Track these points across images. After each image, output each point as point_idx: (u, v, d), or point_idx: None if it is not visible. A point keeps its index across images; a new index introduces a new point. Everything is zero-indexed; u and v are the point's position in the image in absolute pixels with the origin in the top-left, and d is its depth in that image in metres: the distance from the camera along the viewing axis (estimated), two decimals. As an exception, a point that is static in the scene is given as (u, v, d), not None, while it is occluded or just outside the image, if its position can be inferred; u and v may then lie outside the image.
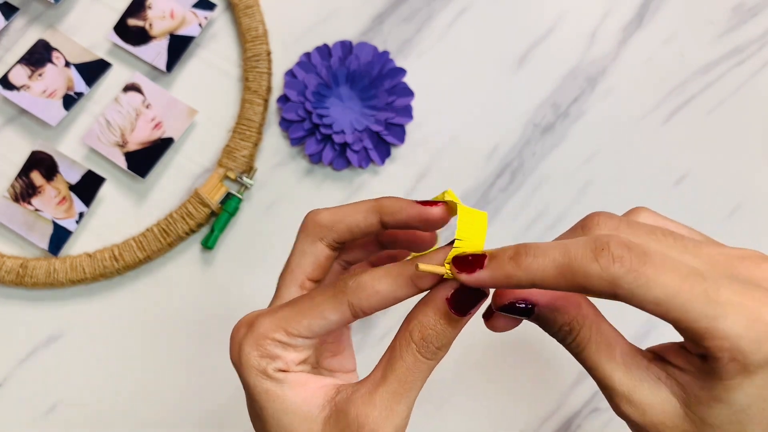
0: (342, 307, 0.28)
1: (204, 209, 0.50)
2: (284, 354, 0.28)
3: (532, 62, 0.53)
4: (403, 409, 0.27)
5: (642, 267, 0.22)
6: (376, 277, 0.27)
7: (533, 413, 0.50)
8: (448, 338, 0.27)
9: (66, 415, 0.50)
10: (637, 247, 0.23)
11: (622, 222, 0.26)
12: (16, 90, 0.52)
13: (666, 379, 0.25)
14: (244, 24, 0.52)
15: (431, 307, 0.27)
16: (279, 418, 0.28)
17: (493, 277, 0.25)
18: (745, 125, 0.52)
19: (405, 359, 0.27)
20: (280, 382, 0.28)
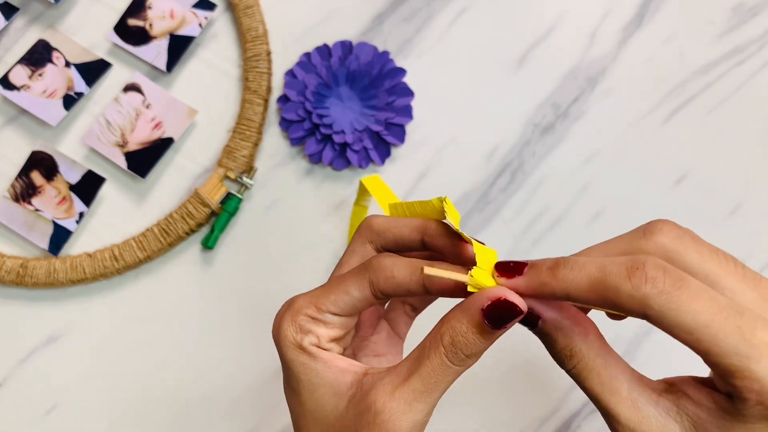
0: (363, 283, 0.29)
1: (204, 209, 0.50)
2: (316, 329, 0.30)
3: (532, 62, 0.53)
4: (422, 408, 0.27)
5: (676, 291, 0.22)
6: (396, 264, 0.29)
7: (533, 414, 0.50)
8: (479, 349, 0.27)
9: (66, 415, 0.50)
10: (674, 271, 0.23)
11: (687, 233, 0.26)
12: (16, 90, 0.52)
13: (676, 414, 0.25)
14: (245, 24, 0.52)
15: (465, 315, 0.27)
16: (312, 390, 0.29)
17: (529, 283, 0.26)
18: (745, 125, 0.52)
19: (432, 361, 0.27)
20: (314, 357, 0.29)
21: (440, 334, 0.27)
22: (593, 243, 0.50)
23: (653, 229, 0.26)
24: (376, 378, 0.28)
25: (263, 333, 0.32)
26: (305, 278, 0.50)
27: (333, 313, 0.30)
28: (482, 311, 0.26)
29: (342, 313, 0.30)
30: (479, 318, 0.26)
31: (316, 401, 0.29)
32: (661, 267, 0.23)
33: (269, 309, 0.50)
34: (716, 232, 0.51)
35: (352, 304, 0.30)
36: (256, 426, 0.50)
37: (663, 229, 0.26)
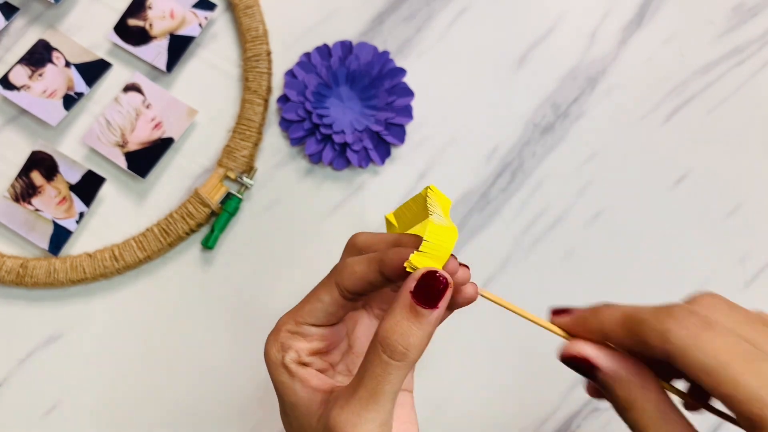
0: (331, 287, 0.30)
1: (204, 209, 0.50)
2: (295, 344, 0.30)
3: (532, 62, 0.53)
4: (373, 416, 0.27)
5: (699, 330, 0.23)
6: (356, 261, 0.29)
7: (533, 413, 0.50)
8: (416, 337, 0.26)
9: (66, 415, 0.50)
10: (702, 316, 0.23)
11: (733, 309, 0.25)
12: (17, 90, 0.52)
13: None
14: (245, 24, 0.52)
15: (397, 305, 0.27)
16: (291, 410, 0.30)
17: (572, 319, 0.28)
18: (745, 125, 0.52)
19: (372, 365, 0.27)
20: (292, 375, 0.30)
21: (376, 335, 0.27)
22: (593, 243, 0.50)
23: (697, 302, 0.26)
24: (336, 395, 0.29)
25: (263, 332, 0.32)
26: (305, 278, 0.50)
27: (310, 324, 0.31)
28: (411, 293, 0.26)
29: (318, 322, 0.31)
30: (409, 301, 0.26)
31: (298, 421, 0.30)
32: (690, 311, 0.24)
33: (269, 309, 0.51)
34: (716, 232, 0.51)
35: (324, 310, 0.30)
36: (256, 425, 0.50)
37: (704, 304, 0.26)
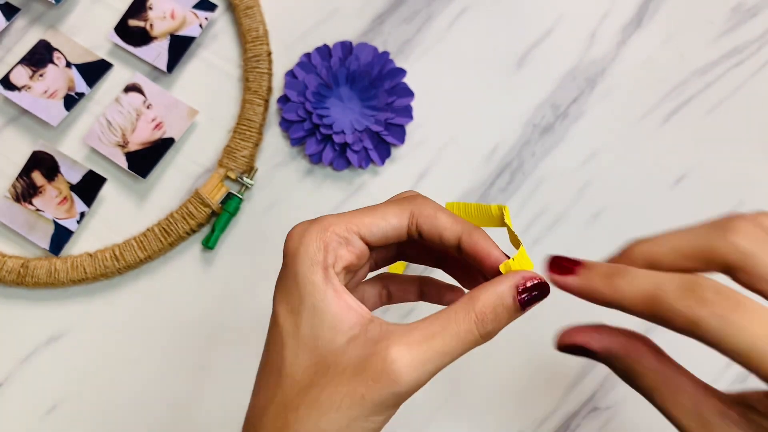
0: (404, 213, 0.30)
1: (205, 209, 0.50)
2: (339, 250, 0.29)
3: (532, 62, 0.53)
4: (431, 369, 0.27)
5: (730, 313, 0.22)
6: (440, 209, 0.30)
7: (532, 413, 0.50)
8: (502, 325, 0.27)
9: (66, 415, 0.50)
10: (731, 294, 0.22)
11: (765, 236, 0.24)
12: (17, 90, 0.52)
13: (745, 424, 0.25)
14: (245, 24, 0.52)
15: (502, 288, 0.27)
16: (313, 315, 0.28)
17: (581, 286, 0.26)
18: (745, 125, 0.52)
19: (459, 324, 0.27)
20: (328, 281, 0.28)
21: (473, 301, 0.27)
22: (593, 243, 0.50)
23: (733, 226, 0.25)
24: (387, 328, 0.27)
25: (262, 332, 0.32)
26: (305, 278, 0.50)
27: (362, 237, 0.29)
28: (517, 288, 0.27)
29: (371, 239, 0.30)
30: (513, 295, 0.27)
31: (312, 328, 0.28)
32: (716, 289, 0.23)
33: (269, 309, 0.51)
34: (716, 232, 0.51)
35: (384, 232, 0.30)
36: (256, 425, 0.50)
37: (742, 230, 0.24)
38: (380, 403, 0.26)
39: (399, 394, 0.26)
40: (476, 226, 0.30)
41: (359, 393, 0.26)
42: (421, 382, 0.27)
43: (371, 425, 0.27)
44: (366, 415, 0.26)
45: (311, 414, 0.27)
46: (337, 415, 0.26)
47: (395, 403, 0.27)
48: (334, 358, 0.27)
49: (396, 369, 0.26)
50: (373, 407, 0.26)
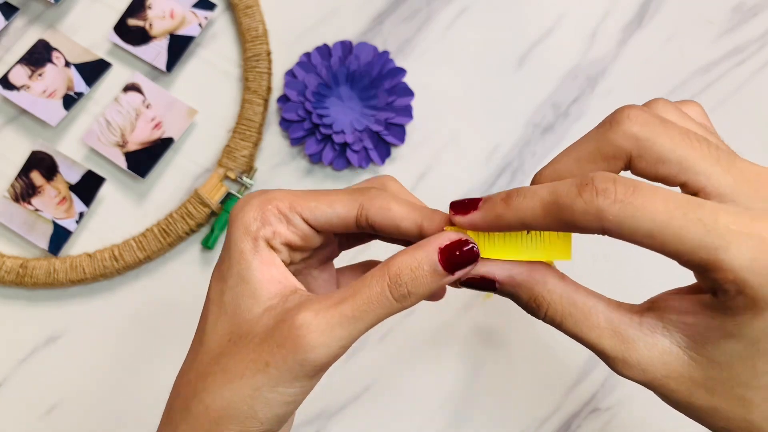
0: (352, 204, 0.28)
1: (204, 209, 0.50)
2: (277, 225, 0.28)
3: (532, 62, 0.53)
4: (342, 335, 0.25)
5: (629, 197, 0.22)
6: (395, 199, 0.28)
7: (533, 414, 0.50)
8: (424, 288, 0.26)
9: (66, 415, 0.50)
10: (625, 179, 0.22)
11: (655, 118, 0.24)
12: (16, 90, 0.52)
13: (663, 329, 0.24)
14: (244, 24, 0.52)
15: (422, 251, 0.26)
16: (237, 283, 0.27)
17: (485, 217, 0.25)
18: (745, 125, 0.52)
19: (371, 288, 0.25)
20: (256, 250, 0.28)
21: (388, 265, 0.26)
22: (594, 243, 0.50)
23: (620, 118, 0.24)
24: (305, 298, 0.27)
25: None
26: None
27: (304, 218, 0.28)
28: (440, 249, 0.26)
29: (313, 223, 0.28)
30: (435, 255, 0.26)
31: (235, 296, 0.27)
32: (611, 178, 0.22)
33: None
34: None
35: (328, 219, 0.28)
36: (256, 426, 0.50)
37: (630, 116, 0.24)
38: (286, 371, 0.25)
39: (306, 362, 0.25)
40: (436, 211, 0.28)
41: (263, 360, 0.25)
42: (331, 348, 0.25)
43: (279, 397, 0.26)
44: (272, 385, 0.25)
45: (217, 382, 0.26)
46: (241, 383, 0.26)
47: (304, 372, 0.25)
48: (248, 326, 0.27)
49: (301, 334, 0.25)
50: (278, 375, 0.25)
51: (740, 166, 0.24)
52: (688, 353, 0.24)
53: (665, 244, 0.22)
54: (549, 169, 0.26)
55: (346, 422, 0.50)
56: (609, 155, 0.24)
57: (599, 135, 0.25)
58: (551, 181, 0.25)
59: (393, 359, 0.50)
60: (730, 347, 0.23)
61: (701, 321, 0.23)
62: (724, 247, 0.21)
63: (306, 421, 0.50)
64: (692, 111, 0.27)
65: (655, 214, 0.21)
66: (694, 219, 0.21)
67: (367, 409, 0.50)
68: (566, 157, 0.26)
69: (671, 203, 0.22)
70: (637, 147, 0.24)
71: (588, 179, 0.22)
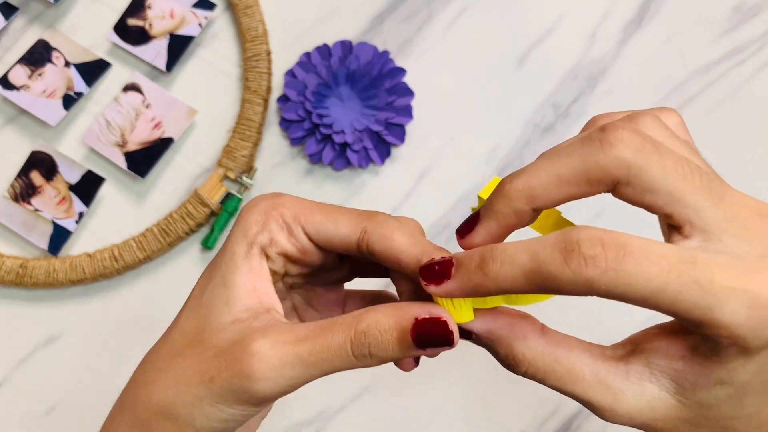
0: (357, 226, 0.27)
1: (204, 209, 0.50)
2: (277, 234, 0.27)
3: (532, 62, 0.53)
4: (291, 376, 0.24)
5: (620, 264, 0.20)
6: (400, 230, 0.26)
7: (533, 414, 0.50)
8: (387, 354, 0.24)
9: (66, 415, 0.50)
10: (612, 240, 0.21)
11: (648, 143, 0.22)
12: (16, 90, 0.52)
13: (650, 376, 0.23)
14: (244, 24, 0.52)
15: (395, 315, 0.24)
16: (219, 285, 0.27)
17: (462, 287, 0.23)
18: (745, 125, 0.52)
19: (333, 337, 0.24)
20: (247, 256, 0.27)
21: (359, 319, 0.24)
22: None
23: (612, 139, 0.22)
24: (274, 322, 0.25)
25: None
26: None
27: (306, 232, 0.27)
28: (415, 321, 0.24)
29: (315, 237, 0.27)
30: (408, 325, 0.24)
31: (212, 298, 0.27)
32: (598, 241, 0.21)
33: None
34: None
35: (329, 237, 0.27)
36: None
37: (624, 140, 0.22)
38: (228, 392, 0.24)
39: (249, 390, 0.24)
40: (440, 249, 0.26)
41: (210, 374, 0.25)
42: (277, 385, 0.24)
43: (218, 413, 0.25)
44: (213, 401, 0.25)
45: (166, 379, 0.26)
46: (186, 389, 0.25)
47: (246, 399, 0.25)
48: (210, 333, 0.26)
49: (250, 362, 0.24)
50: (220, 393, 0.25)
51: (730, 199, 0.22)
52: (677, 398, 0.23)
53: (659, 306, 0.21)
54: (522, 181, 0.24)
55: (346, 422, 0.50)
56: (594, 180, 0.23)
57: (586, 155, 0.23)
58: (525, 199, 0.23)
59: (393, 359, 0.51)
60: (720, 391, 0.23)
61: (690, 368, 0.23)
62: (720, 307, 0.20)
63: (306, 421, 0.50)
64: (671, 121, 0.26)
65: (648, 280, 0.20)
66: (689, 281, 0.21)
67: (367, 409, 0.50)
68: (544, 173, 0.23)
69: (665, 265, 0.21)
70: (627, 175, 0.22)
71: (573, 243, 0.21)
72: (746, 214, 0.22)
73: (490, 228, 0.25)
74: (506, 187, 0.24)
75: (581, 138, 0.23)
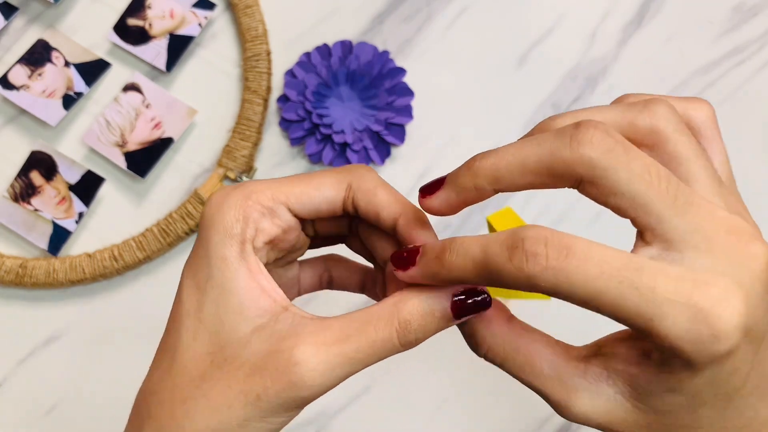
0: (341, 185, 0.26)
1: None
2: (261, 222, 0.26)
3: (532, 62, 0.53)
4: (340, 374, 0.24)
5: (562, 262, 0.21)
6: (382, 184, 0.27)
7: (533, 414, 0.50)
8: (431, 334, 0.25)
9: (66, 415, 0.50)
10: (557, 241, 0.21)
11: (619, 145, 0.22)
12: (16, 90, 0.52)
13: (607, 378, 0.24)
14: (244, 24, 0.52)
15: (434, 298, 0.24)
16: (220, 295, 0.25)
17: (423, 275, 0.24)
18: (745, 125, 0.52)
19: (378, 332, 0.24)
20: (242, 257, 0.25)
21: (398, 308, 0.24)
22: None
23: (582, 138, 0.22)
24: (299, 322, 0.25)
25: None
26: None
27: (290, 208, 0.26)
28: (453, 296, 0.24)
29: (301, 211, 0.26)
30: (447, 303, 0.24)
31: (217, 310, 0.25)
32: (542, 240, 0.21)
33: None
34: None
35: (315, 205, 0.26)
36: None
37: (593, 140, 0.22)
38: (278, 405, 0.24)
39: (300, 398, 0.24)
40: (420, 210, 0.26)
41: (255, 393, 0.24)
42: (327, 387, 0.24)
43: (268, 426, 0.25)
44: (261, 417, 0.24)
45: (201, 410, 0.24)
46: (229, 414, 0.24)
47: (297, 405, 0.24)
48: (233, 349, 0.25)
49: (299, 372, 0.23)
50: (269, 409, 0.24)
51: (697, 210, 0.22)
52: (632, 402, 0.23)
53: (601, 309, 0.21)
54: (488, 162, 0.24)
55: (346, 422, 0.50)
56: (557, 174, 0.22)
57: (554, 148, 0.22)
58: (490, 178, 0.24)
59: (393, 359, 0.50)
60: (672, 399, 0.23)
61: (644, 374, 0.23)
62: (659, 317, 0.20)
63: (306, 421, 0.50)
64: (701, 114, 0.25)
65: (588, 281, 0.21)
66: (630, 288, 0.20)
67: (367, 409, 0.50)
68: (511, 157, 0.23)
69: (606, 269, 0.21)
70: (591, 175, 0.22)
71: (518, 241, 0.21)
72: (713, 227, 0.22)
73: (449, 197, 0.25)
74: (475, 164, 0.25)
75: (556, 131, 0.23)
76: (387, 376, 0.50)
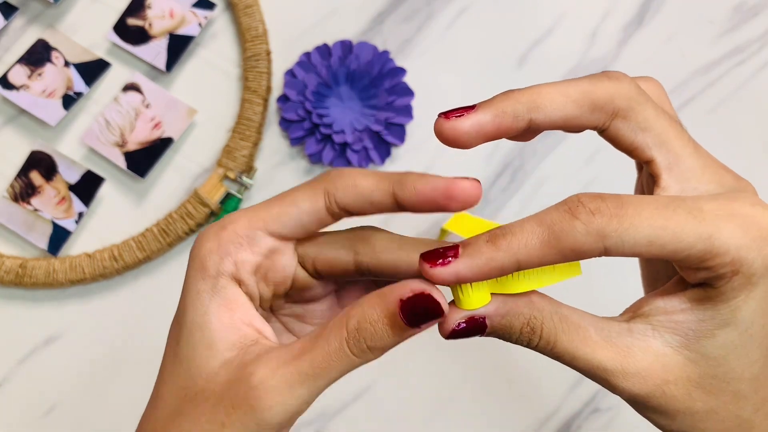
0: (317, 194, 0.25)
1: (203, 209, 0.50)
2: (238, 253, 0.25)
3: (533, 61, 0.53)
4: (302, 393, 0.24)
5: (622, 210, 0.21)
6: (359, 173, 0.25)
7: (533, 414, 0.50)
8: (384, 343, 0.24)
9: (65, 415, 0.50)
10: (609, 195, 0.22)
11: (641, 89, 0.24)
12: (16, 90, 0.52)
13: (653, 331, 0.24)
14: (244, 23, 0.52)
15: (381, 302, 0.23)
16: (193, 330, 0.25)
17: (472, 265, 0.22)
18: (745, 125, 0.52)
19: (329, 343, 0.23)
20: (214, 291, 0.25)
21: (347, 317, 0.24)
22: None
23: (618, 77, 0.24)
24: (262, 349, 0.24)
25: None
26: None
27: (271, 231, 0.26)
28: (400, 302, 0.23)
29: (285, 231, 0.26)
30: (395, 309, 0.23)
31: (190, 346, 0.25)
32: (597, 196, 0.22)
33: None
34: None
35: (297, 219, 0.25)
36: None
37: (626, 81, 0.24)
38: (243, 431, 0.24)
39: (263, 422, 0.23)
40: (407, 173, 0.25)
41: (219, 421, 0.24)
42: (290, 407, 0.24)
43: None
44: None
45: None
46: None
47: (264, 430, 0.24)
48: (203, 382, 0.25)
49: (257, 394, 0.23)
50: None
51: (701, 151, 0.24)
52: (683, 352, 0.23)
53: (665, 246, 0.22)
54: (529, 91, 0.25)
55: (346, 422, 0.50)
56: (598, 104, 0.24)
57: (595, 81, 0.24)
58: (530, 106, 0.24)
59: (393, 359, 0.50)
60: (723, 338, 0.23)
61: (692, 316, 0.23)
62: (717, 233, 0.22)
63: (306, 421, 0.50)
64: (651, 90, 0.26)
65: (650, 219, 0.21)
66: (683, 214, 0.22)
67: (367, 409, 0.50)
68: (554, 89, 0.24)
69: (659, 206, 0.22)
70: (627, 107, 0.23)
71: (576, 203, 0.22)
72: (716, 164, 0.24)
73: (482, 119, 0.25)
74: (514, 92, 0.25)
75: (589, 76, 0.24)
76: (387, 376, 0.50)
